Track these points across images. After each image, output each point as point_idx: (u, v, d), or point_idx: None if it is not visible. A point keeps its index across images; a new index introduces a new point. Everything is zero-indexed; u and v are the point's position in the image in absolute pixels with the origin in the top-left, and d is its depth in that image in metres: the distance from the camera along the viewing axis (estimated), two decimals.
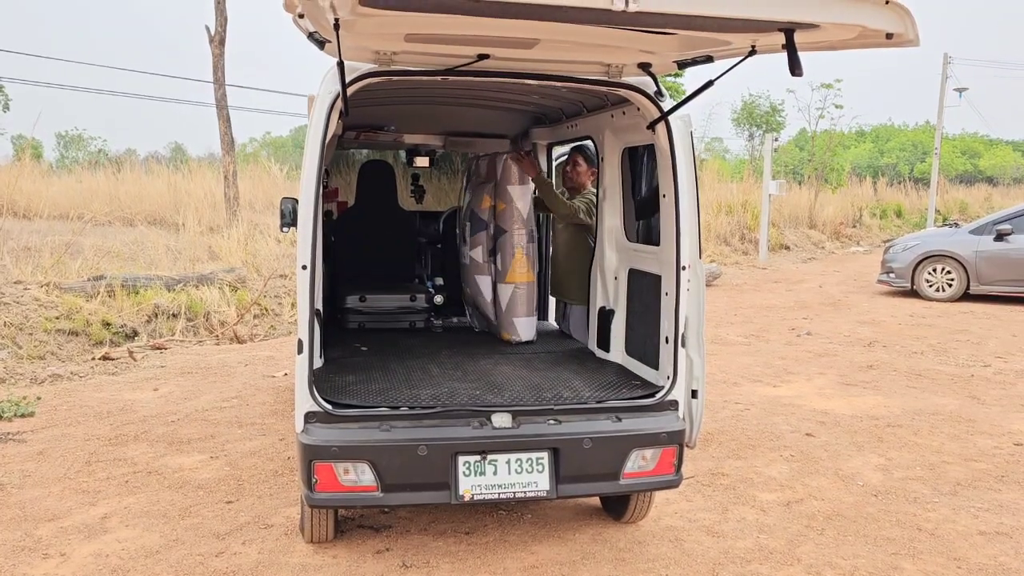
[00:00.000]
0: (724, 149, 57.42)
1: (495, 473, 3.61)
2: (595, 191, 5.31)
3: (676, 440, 3.81)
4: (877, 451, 5.78)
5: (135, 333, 9.11)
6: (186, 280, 10.30)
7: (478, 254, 5.39)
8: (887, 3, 2.72)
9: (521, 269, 5.22)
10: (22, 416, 6.27)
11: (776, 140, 21.49)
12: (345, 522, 4.36)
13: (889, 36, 2.83)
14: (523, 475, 3.63)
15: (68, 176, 24.80)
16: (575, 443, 3.66)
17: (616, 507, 4.47)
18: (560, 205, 5.30)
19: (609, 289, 4.84)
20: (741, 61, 3.43)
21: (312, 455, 3.48)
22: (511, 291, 5.22)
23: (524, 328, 5.26)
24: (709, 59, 3.57)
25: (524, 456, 3.64)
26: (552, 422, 3.71)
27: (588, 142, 5.41)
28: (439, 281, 6.58)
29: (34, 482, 4.97)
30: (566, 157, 5.76)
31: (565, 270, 5.55)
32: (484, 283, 5.40)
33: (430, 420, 3.62)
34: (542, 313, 6.01)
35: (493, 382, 4.19)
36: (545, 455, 3.65)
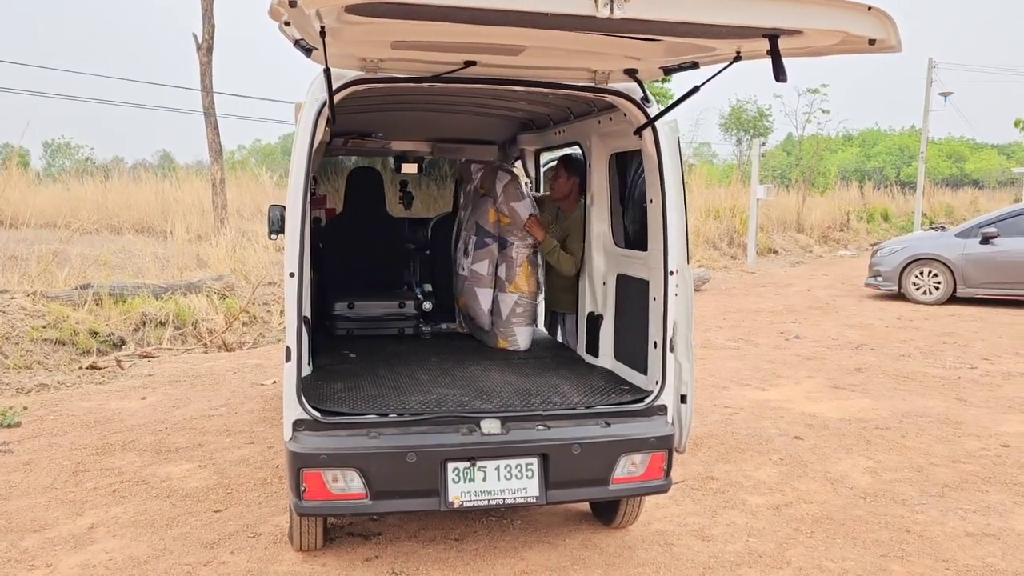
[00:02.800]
0: (712, 154, 57.69)
1: (484, 479, 3.61)
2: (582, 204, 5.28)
3: (665, 445, 3.82)
4: (865, 454, 5.80)
5: (123, 342, 9.06)
6: (174, 288, 10.26)
7: (482, 267, 5.33)
8: (869, 9, 2.75)
9: (525, 280, 5.21)
10: (8, 426, 6.22)
11: (763, 145, 21.60)
12: (334, 530, 4.34)
13: (872, 42, 2.86)
14: (512, 481, 3.63)
15: (55, 185, 24.68)
16: (564, 449, 3.66)
17: (606, 512, 4.47)
18: (566, 264, 5.18)
19: (598, 294, 4.85)
20: (726, 67, 3.45)
21: (301, 463, 3.47)
22: (513, 301, 5.22)
23: (523, 338, 5.27)
24: (695, 65, 3.59)
25: (513, 462, 3.64)
26: (541, 428, 3.71)
27: (575, 151, 5.41)
28: (428, 287, 6.57)
29: (20, 492, 4.93)
30: (554, 165, 5.74)
31: (557, 282, 5.50)
32: (484, 295, 5.36)
33: (419, 427, 3.62)
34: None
35: (482, 388, 4.19)
36: (534, 461, 3.65)
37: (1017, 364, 8.93)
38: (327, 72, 3.25)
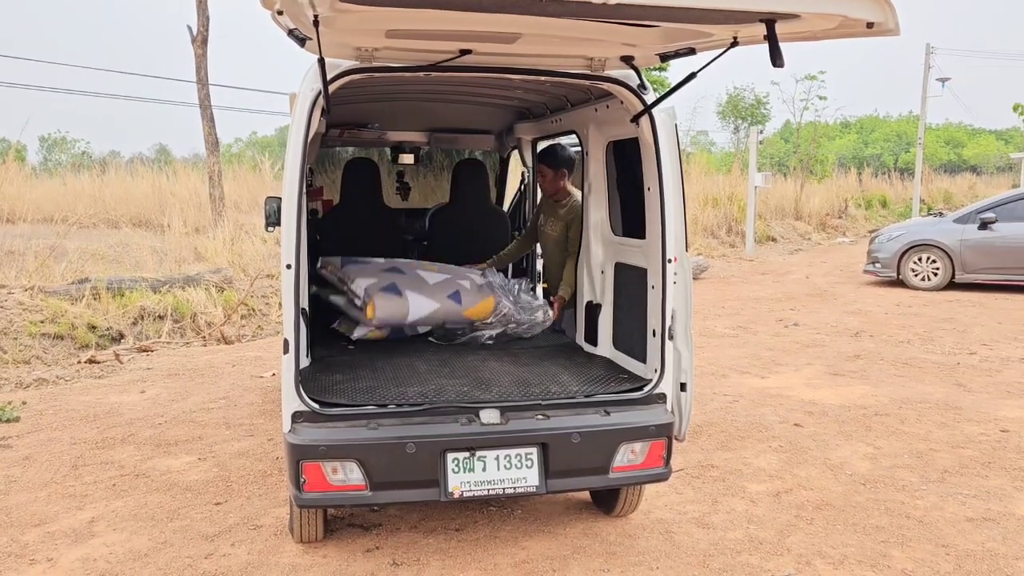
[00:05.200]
0: (710, 142, 57.66)
1: (484, 469, 3.60)
2: (576, 198, 5.30)
3: (665, 433, 3.81)
4: (865, 440, 5.81)
5: (121, 336, 9.05)
6: (172, 282, 10.24)
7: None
8: None
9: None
10: (7, 421, 6.21)
11: (761, 132, 21.56)
12: (334, 521, 4.35)
13: (870, 25, 2.84)
14: (512, 471, 3.63)
15: (52, 179, 24.63)
16: (564, 438, 3.65)
17: (606, 501, 4.47)
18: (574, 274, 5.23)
19: (596, 283, 4.84)
20: (723, 53, 3.43)
21: (300, 455, 3.46)
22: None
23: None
24: (691, 51, 3.56)
25: (513, 452, 3.63)
26: (540, 417, 3.70)
27: (551, 146, 5.42)
28: None
29: (20, 487, 4.93)
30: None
31: (556, 272, 5.50)
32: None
33: (418, 417, 3.61)
34: None
35: (481, 378, 4.18)
36: (534, 450, 3.65)
37: (1016, 349, 8.94)
38: (321, 62, 3.22)
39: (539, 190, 5.67)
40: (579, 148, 5.16)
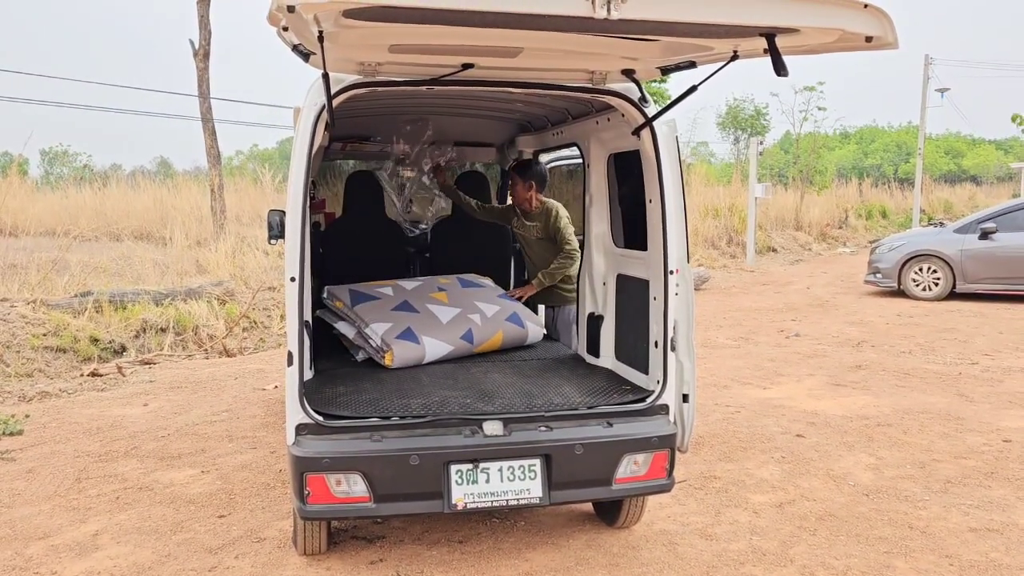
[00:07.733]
0: (710, 153, 57.81)
1: (487, 481, 3.61)
2: (548, 206, 5.55)
3: (667, 444, 3.82)
4: (868, 451, 5.81)
5: (123, 349, 9.06)
6: (174, 294, 10.26)
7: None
8: (866, 7, 2.75)
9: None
10: (10, 434, 6.22)
11: (761, 143, 21.60)
12: (338, 534, 4.35)
13: (869, 39, 2.87)
14: (515, 482, 3.63)
15: (53, 192, 24.68)
16: (567, 449, 3.66)
17: (609, 512, 4.47)
18: (565, 269, 5.53)
19: (598, 295, 4.86)
20: (724, 66, 3.46)
21: (304, 467, 3.47)
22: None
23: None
24: (692, 64, 3.60)
25: (516, 463, 3.64)
26: (543, 429, 3.71)
27: (526, 159, 5.59)
28: None
29: (24, 500, 4.93)
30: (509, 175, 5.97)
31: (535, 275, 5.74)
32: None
33: (421, 429, 3.62)
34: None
35: (484, 390, 4.19)
36: (537, 462, 3.66)
37: (1018, 359, 8.94)
38: (325, 77, 3.25)
39: (511, 199, 5.86)
40: (578, 161, 5.20)
